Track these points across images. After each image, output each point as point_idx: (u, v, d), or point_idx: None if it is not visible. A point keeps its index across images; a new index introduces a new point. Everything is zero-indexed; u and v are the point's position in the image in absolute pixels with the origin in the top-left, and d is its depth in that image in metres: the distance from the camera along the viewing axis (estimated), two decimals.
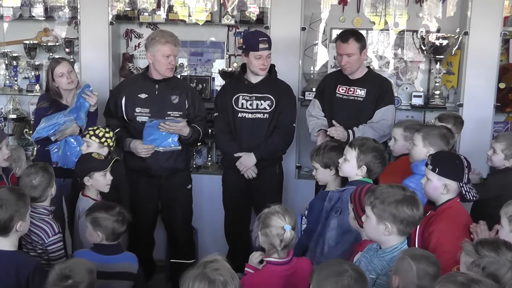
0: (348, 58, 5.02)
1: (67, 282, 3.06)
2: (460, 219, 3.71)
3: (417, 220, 3.15)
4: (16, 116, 6.29)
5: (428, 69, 6.11)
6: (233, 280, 2.65)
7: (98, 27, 5.88)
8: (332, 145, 4.15)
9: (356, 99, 5.16)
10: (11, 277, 3.31)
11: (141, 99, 5.07)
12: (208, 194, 5.78)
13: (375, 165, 3.82)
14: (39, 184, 4.01)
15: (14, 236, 3.41)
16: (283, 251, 3.37)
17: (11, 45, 6.37)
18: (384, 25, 6.06)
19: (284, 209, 3.44)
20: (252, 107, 5.18)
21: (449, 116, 5.05)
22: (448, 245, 3.56)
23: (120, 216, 3.85)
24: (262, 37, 5.07)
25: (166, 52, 4.96)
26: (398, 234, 3.14)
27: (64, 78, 5.04)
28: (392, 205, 3.10)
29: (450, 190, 3.66)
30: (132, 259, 3.89)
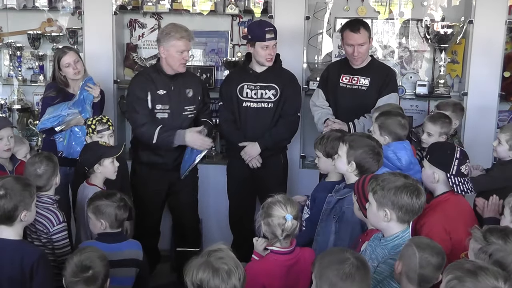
0: (360, 48, 5.01)
1: (88, 273, 3.12)
2: (456, 213, 3.69)
3: (416, 209, 3.13)
4: (20, 106, 6.30)
5: (432, 58, 6.08)
6: (237, 269, 2.66)
7: (102, 17, 5.88)
8: (336, 135, 4.11)
9: (360, 88, 5.16)
10: (15, 266, 3.32)
11: (159, 95, 5.02)
12: (212, 184, 5.79)
13: (366, 161, 3.67)
14: (43, 173, 4.00)
15: (18, 226, 3.41)
16: (285, 241, 3.39)
17: (15, 35, 6.37)
18: (388, 14, 6.04)
19: (286, 199, 3.45)
20: (256, 97, 5.18)
21: (447, 104, 5.05)
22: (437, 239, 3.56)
23: (122, 202, 3.87)
24: (268, 27, 5.05)
25: (181, 48, 4.91)
26: (398, 222, 3.14)
27: (71, 69, 5.04)
28: (392, 191, 3.10)
29: (441, 180, 3.69)
30: (137, 246, 3.90)
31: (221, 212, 5.66)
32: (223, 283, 2.60)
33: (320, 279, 2.62)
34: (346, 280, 2.57)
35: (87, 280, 3.12)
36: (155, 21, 6.23)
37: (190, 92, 5.10)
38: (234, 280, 2.62)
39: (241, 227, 5.42)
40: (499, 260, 2.68)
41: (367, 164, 3.65)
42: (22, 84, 6.34)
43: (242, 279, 2.66)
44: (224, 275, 2.61)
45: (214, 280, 2.60)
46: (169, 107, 5.02)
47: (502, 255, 2.68)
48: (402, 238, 3.13)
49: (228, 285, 2.61)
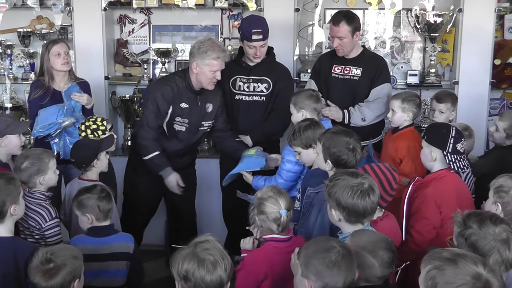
0: (340, 40, 5.02)
1: (48, 266, 2.99)
2: (449, 189, 3.81)
3: (361, 209, 3.09)
4: (12, 105, 6.29)
5: (423, 48, 6.08)
6: (223, 260, 2.64)
7: (92, 13, 5.86)
8: (305, 124, 4.07)
9: (352, 79, 5.16)
10: (10, 263, 3.32)
11: (181, 108, 4.95)
12: (206, 178, 5.76)
13: (341, 158, 3.61)
14: (24, 169, 3.99)
15: (9, 221, 3.41)
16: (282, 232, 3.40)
17: (5, 33, 6.36)
18: (378, 4, 6.03)
19: (277, 192, 3.44)
20: (249, 90, 5.18)
21: (446, 96, 5.04)
22: (427, 211, 3.74)
23: (103, 193, 3.86)
24: (256, 28, 5.00)
25: (215, 67, 4.81)
26: (347, 222, 3.14)
27: (60, 58, 5.01)
28: (334, 190, 3.12)
29: (438, 158, 3.82)
30: (128, 239, 3.89)
31: (215, 207, 5.66)
32: (209, 273, 2.59)
33: (306, 268, 2.64)
34: (332, 268, 2.59)
35: (44, 272, 2.98)
36: (145, 16, 6.21)
37: (210, 107, 5.05)
38: (220, 271, 2.61)
39: (235, 220, 5.40)
40: (473, 243, 2.71)
41: (343, 161, 3.60)
42: (13, 82, 6.32)
43: (228, 270, 2.65)
44: (209, 265, 2.60)
45: (199, 271, 2.59)
46: (188, 121, 4.98)
47: (475, 239, 2.71)
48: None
49: (214, 276, 2.59)
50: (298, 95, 4.61)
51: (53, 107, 4.95)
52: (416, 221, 3.79)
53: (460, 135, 3.84)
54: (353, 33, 5.02)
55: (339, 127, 4.08)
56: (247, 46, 5.06)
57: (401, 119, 4.71)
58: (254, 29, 5.00)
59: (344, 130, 3.88)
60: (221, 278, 2.62)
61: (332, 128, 4.05)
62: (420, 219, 3.77)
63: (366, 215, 3.15)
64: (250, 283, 3.31)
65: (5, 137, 4.35)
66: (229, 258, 2.69)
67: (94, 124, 4.56)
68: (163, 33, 6.24)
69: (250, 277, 3.32)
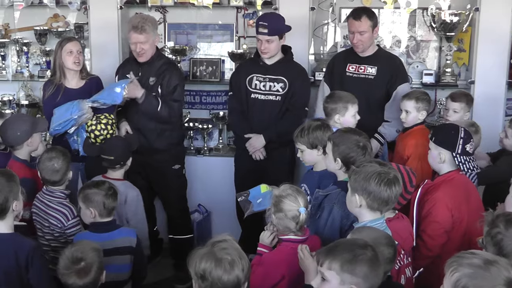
0: (360, 36, 5.02)
1: (79, 265, 3.13)
2: (459, 191, 3.78)
3: (385, 197, 3.13)
4: (28, 102, 6.33)
5: (439, 47, 6.04)
6: (241, 260, 2.63)
7: (107, 12, 5.88)
8: (316, 124, 4.05)
9: (367, 77, 5.16)
10: (10, 259, 3.34)
11: (127, 78, 5.13)
12: (220, 177, 5.79)
13: (350, 157, 3.59)
14: (60, 168, 4.06)
15: (10, 218, 3.43)
16: (299, 231, 3.39)
17: (22, 31, 6.41)
18: (394, 3, 6.00)
19: (296, 190, 3.43)
20: (265, 89, 5.19)
21: (461, 95, 5.02)
22: (438, 215, 3.69)
23: (110, 191, 3.91)
24: (262, 21, 5.05)
25: (132, 39, 5.08)
26: (368, 209, 3.16)
27: (72, 56, 5.05)
28: (361, 175, 3.14)
29: (447, 160, 3.77)
30: (130, 233, 3.94)
31: (229, 205, 5.65)
32: (226, 273, 2.58)
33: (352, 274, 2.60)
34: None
35: (79, 271, 3.13)
36: (160, 15, 6.21)
37: (154, 81, 5.17)
38: (237, 271, 2.60)
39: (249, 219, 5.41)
40: (498, 243, 2.73)
41: (352, 159, 3.57)
42: (29, 79, 6.37)
43: (245, 270, 2.64)
44: (226, 265, 2.59)
45: (217, 270, 2.58)
46: None
47: (501, 238, 2.73)
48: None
49: (231, 275, 2.59)
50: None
51: (67, 104, 4.97)
52: (427, 225, 3.74)
53: (469, 136, 3.80)
54: (372, 28, 5.04)
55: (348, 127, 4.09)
56: (256, 39, 5.12)
57: (415, 119, 4.70)
58: (260, 21, 5.05)
59: (354, 129, 3.92)
60: (238, 278, 2.61)
61: (342, 128, 4.05)
62: (431, 223, 3.71)
63: (388, 204, 3.18)
64: (267, 284, 3.29)
65: (31, 136, 4.39)
66: (247, 259, 2.68)
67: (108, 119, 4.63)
68: (178, 32, 6.25)
69: (267, 278, 3.30)
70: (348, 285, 2.57)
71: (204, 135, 6.05)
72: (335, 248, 2.66)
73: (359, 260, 2.57)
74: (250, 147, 5.18)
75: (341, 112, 4.48)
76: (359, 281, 2.56)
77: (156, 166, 5.28)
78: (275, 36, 5.05)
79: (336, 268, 2.58)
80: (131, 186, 4.49)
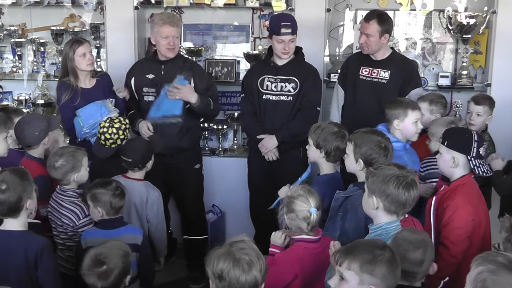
0: (366, 38, 5.02)
1: (101, 268, 3.15)
2: (473, 195, 3.73)
3: (403, 200, 3.12)
4: (44, 101, 6.36)
5: (455, 49, 6.02)
6: (258, 260, 2.64)
7: (123, 12, 5.92)
8: (333, 129, 4.05)
9: (380, 81, 5.14)
10: (19, 256, 3.36)
11: (148, 79, 5.19)
12: (234, 177, 5.80)
13: (372, 158, 3.62)
14: (59, 167, 4.06)
15: (23, 216, 3.45)
16: (311, 232, 3.40)
17: (39, 31, 6.45)
18: (410, 5, 5.99)
19: (307, 191, 3.44)
20: (276, 89, 5.18)
21: (484, 98, 4.98)
22: (460, 221, 3.62)
23: (118, 191, 3.92)
24: (285, 21, 5.04)
25: (164, 33, 5.07)
26: (385, 211, 3.15)
27: (85, 59, 5.07)
28: (380, 178, 3.13)
29: (460, 164, 3.69)
30: (136, 231, 3.96)
31: (243, 205, 5.66)
32: (244, 273, 2.58)
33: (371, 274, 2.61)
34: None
35: (100, 275, 3.15)
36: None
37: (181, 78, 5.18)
38: (255, 271, 2.60)
39: (262, 219, 5.42)
40: None
41: (374, 160, 3.59)
42: (45, 79, 6.40)
43: (263, 271, 2.64)
44: (245, 266, 2.59)
45: (235, 270, 2.58)
46: (155, 90, 5.17)
47: None
48: (386, 230, 3.15)
49: (249, 276, 2.59)
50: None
51: (92, 105, 5.01)
52: (449, 232, 3.65)
53: (482, 139, 3.74)
54: (381, 34, 5.00)
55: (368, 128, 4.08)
56: (276, 41, 5.07)
57: (428, 121, 4.67)
58: (283, 22, 5.02)
59: (375, 130, 3.91)
60: (256, 279, 2.61)
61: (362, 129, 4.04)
62: (454, 229, 3.63)
63: (406, 207, 3.17)
64: (280, 283, 3.31)
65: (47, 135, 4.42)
66: (264, 259, 2.69)
67: (121, 123, 4.61)
68: (194, 32, 6.26)
69: (280, 277, 3.31)
70: (366, 285, 2.59)
71: (219, 135, 6.06)
72: (354, 248, 2.68)
73: (378, 261, 2.58)
74: (262, 148, 5.18)
75: (400, 118, 4.35)
76: (377, 282, 2.58)
77: (178, 166, 5.27)
78: (295, 35, 5.07)
79: (356, 268, 2.60)
80: (152, 187, 4.48)
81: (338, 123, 4.54)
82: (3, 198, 3.36)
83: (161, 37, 5.09)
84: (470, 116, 4.88)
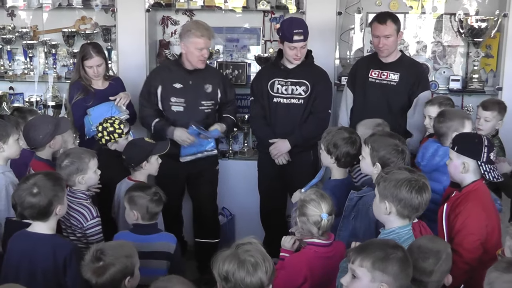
0: (385, 40, 5.01)
1: (97, 264, 3.10)
2: (486, 201, 3.70)
3: (416, 204, 3.12)
4: (55, 103, 6.37)
5: (466, 53, 6.00)
6: (264, 262, 2.64)
7: (135, 15, 5.92)
8: (344, 135, 4.05)
9: (389, 84, 5.14)
10: (48, 260, 3.37)
11: (176, 89, 5.14)
12: (244, 180, 5.80)
13: (391, 161, 3.64)
14: (65, 166, 4.04)
15: (53, 220, 3.46)
16: (322, 236, 3.39)
17: (50, 33, 6.47)
18: (421, 8, 5.98)
19: (320, 195, 3.44)
20: (287, 92, 5.18)
21: (493, 103, 4.96)
22: (473, 227, 3.58)
23: (156, 196, 3.92)
24: (297, 28, 5.02)
25: (200, 45, 5.01)
26: (397, 215, 3.15)
27: (91, 71, 5.20)
28: (392, 183, 3.12)
29: (470, 169, 3.65)
30: (170, 238, 3.93)
31: (253, 208, 5.66)
32: (249, 275, 2.59)
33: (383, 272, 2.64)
34: None
35: (94, 270, 3.10)
36: (188, 18, 6.24)
37: (209, 88, 5.18)
38: (260, 273, 2.61)
39: (272, 222, 5.43)
40: None
41: (392, 163, 3.60)
42: (56, 81, 6.42)
43: (269, 273, 2.64)
44: (249, 267, 2.60)
45: (240, 272, 2.59)
46: (184, 100, 5.14)
47: None
48: (398, 234, 3.14)
49: (254, 278, 2.60)
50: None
51: (104, 105, 5.09)
52: (463, 238, 3.59)
53: (492, 144, 3.71)
54: (397, 32, 5.04)
55: (384, 130, 4.08)
56: (287, 47, 5.06)
57: None
58: (296, 29, 5.01)
59: (390, 133, 3.93)
60: (262, 281, 2.62)
61: (378, 132, 4.05)
62: (468, 236, 3.58)
63: (418, 211, 3.17)
64: (290, 286, 3.31)
65: (54, 138, 4.41)
66: (271, 261, 2.69)
67: (111, 126, 4.63)
68: None
69: (289, 280, 3.31)
70: (378, 283, 2.62)
71: (229, 138, 6.07)
72: (367, 247, 2.72)
73: (390, 259, 2.62)
74: (274, 150, 5.17)
75: (459, 130, 4.26)
76: (389, 280, 2.61)
77: (200, 168, 5.28)
78: (307, 41, 5.07)
79: (368, 266, 2.64)
80: None
81: (349, 128, 4.55)
82: (34, 202, 3.37)
83: (196, 48, 5.02)
84: (479, 121, 4.86)
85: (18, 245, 3.44)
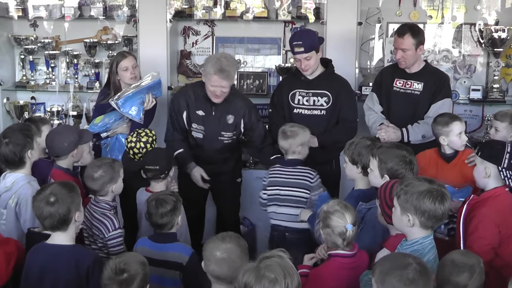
0: (403, 52, 5.02)
1: (122, 276, 3.08)
2: (503, 208, 3.69)
3: (440, 215, 3.11)
4: (76, 113, 6.43)
5: (486, 62, 6.02)
6: (285, 278, 2.61)
7: (157, 25, 5.95)
8: (365, 143, 4.04)
9: (413, 93, 5.13)
10: (71, 270, 3.37)
11: (198, 115, 5.09)
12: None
13: (399, 172, 3.64)
14: (98, 177, 4.05)
15: (72, 229, 3.46)
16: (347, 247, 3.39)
17: (72, 43, 6.54)
18: (441, 18, 6.00)
19: (344, 206, 3.42)
20: (308, 103, 5.17)
21: (505, 115, 4.94)
22: (484, 231, 3.59)
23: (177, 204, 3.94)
24: (296, 40, 5.01)
25: (212, 82, 4.89)
26: (421, 227, 3.13)
27: (128, 73, 5.16)
28: (414, 196, 3.10)
29: (492, 175, 3.67)
30: (184, 250, 3.87)
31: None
32: None
33: (382, 285, 2.63)
34: (409, 285, 2.58)
35: (121, 282, 3.07)
36: (209, 28, 6.31)
37: (231, 119, 5.11)
38: None
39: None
40: None
41: (401, 175, 3.61)
42: (78, 91, 6.48)
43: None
44: (266, 283, 2.59)
45: (256, 286, 2.59)
46: (204, 128, 5.10)
47: None
48: (422, 245, 3.13)
49: None
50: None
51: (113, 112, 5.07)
52: (473, 241, 3.63)
53: None
54: (417, 46, 5.01)
55: (391, 142, 4.08)
56: (294, 59, 5.11)
57: None
58: (294, 41, 5.02)
59: (397, 144, 3.94)
60: None
61: (385, 143, 4.06)
62: (478, 240, 3.61)
63: (442, 220, 3.17)
64: None
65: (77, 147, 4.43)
66: (295, 276, 2.66)
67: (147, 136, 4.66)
68: (226, 45, 6.32)
69: None
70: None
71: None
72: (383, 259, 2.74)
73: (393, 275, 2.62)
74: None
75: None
76: None
77: (221, 188, 5.29)
78: (312, 52, 5.01)
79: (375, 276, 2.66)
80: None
81: (370, 136, 4.55)
82: (52, 211, 3.37)
83: (210, 84, 4.92)
84: (491, 130, 4.87)
85: (37, 259, 3.44)
